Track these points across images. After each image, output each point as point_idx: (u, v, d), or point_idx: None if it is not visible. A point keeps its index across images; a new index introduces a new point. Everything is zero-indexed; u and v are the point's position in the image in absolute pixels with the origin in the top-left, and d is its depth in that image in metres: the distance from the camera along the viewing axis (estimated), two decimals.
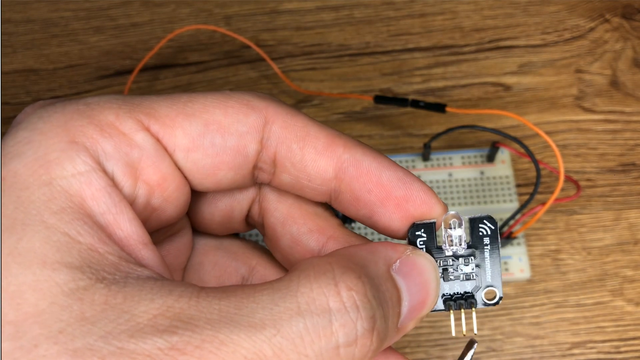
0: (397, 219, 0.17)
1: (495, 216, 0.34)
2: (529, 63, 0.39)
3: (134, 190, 0.16)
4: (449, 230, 0.17)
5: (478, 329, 0.33)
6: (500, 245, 0.17)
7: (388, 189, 0.17)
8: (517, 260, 0.33)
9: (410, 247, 0.17)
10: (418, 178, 0.17)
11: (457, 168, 0.35)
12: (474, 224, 0.17)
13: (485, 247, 0.17)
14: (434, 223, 0.17)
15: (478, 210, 0.34)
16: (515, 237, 0.32)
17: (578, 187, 0.33)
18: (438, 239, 0.17)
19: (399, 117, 0.38)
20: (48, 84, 0.39)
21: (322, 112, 0.38)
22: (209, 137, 0.16)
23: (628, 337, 0.32)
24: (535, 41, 0.40)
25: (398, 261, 0.16)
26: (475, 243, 0.17)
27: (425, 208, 0.17)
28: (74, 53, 0.40)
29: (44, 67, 0.40)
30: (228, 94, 0.17)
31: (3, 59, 0.40)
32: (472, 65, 0.39)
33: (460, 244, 0.17)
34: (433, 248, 0.17)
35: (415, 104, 0.34)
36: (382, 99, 0.35)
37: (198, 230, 0.20)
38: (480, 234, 0.17)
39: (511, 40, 0.40)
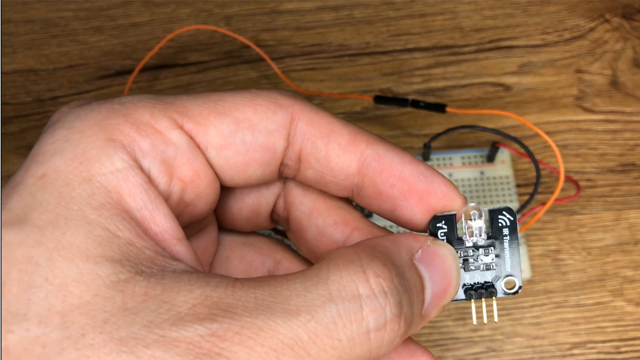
0: (419, 212, 0.17)
1: None
2: (529, 63, 0.39)
3: (169, 186, 0.16)
4: (469, 221, 0.17)
5: (478, 329, 0.33)
6: (519, 236, 0.18)
7: (410, 183, 0.17)
8: None
9: (431, 238, 0.17)
10: (439, 172, 0.18)
11: (457, 168, 0.35)
12: (493, 215, 0.18)
13: (504, 238, 0.18)
14: (455, 215, 0.17)
15: None
16: None
17: (578, 187, 0.33)
18: (458, 231, 0.18)
19: (399, 117, 0.38)
20: (48, 84, 0.39)
21: None
22: (239, 134, 0.17)
23: (628, 337, 0.32)
24: (535, 41, 0.40)
25: (420, 251, 0.16)
26: (494, 234, 0.18)
27: (446, 201, 0.17)
28: (74, 53, 0.40)
29: (44, 67, 0.40)
30: (256, 93, 0.17)
31: (3, 59, 0.40)
32: (472, 65, 0.39)
33: (480, 235, 0.18)
34: (454, 239, 0.17)
35: (415, 104, 0.34)
36: (382, 99, 0.35)
37: (225, 228, 0.21)
38: (500, 225, 0.18)
39: (511, 40, 0.40)
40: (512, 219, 0.18)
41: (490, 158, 0.34)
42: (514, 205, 0.34)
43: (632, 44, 0.39)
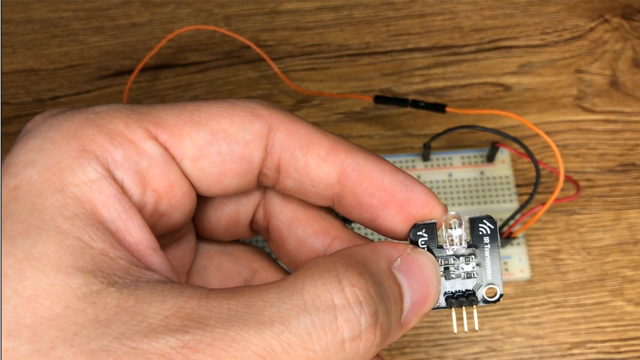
0: (399, 221, 0.17)
1: (495, 216, 0.34)
2: (528, 63, 0.39)
3: (142, 197, 0.16)
4: (449, 230, 0.18)
5: (478, 329, 0.33)
6: (500, 244, 0.18)
7: (390, 193, 0.17)
8: (517, 261, 0.33)
9: (411, 246, 0.17)
10: (418, 181, 0.18)
11: (457, 168, 0.35)
12: (474, 223, 0.18)
13: (485, 246, 0.18)
14: (435, 223, 0.17)
15: (478, 211, 0.34)
16: (515, 237, 0.32)
17: (578, 187, 0.33)
18: (439, 239, 0.18)
19: (399, 117, 0.38)
20: (48, 84, 0.39)
21: (322, 112, 0.38)
22: (215, 145, 0.16)
23: (628, 337, 0.32)
24: (535, 41, 0.40)
25: (399, 259, 0.16)
26: (475, 242, 0.18)
27: (426, 209, 0.17)
28: (74, 53, 0.40)
29: (44, 67, 0.40)
30: (233, 102, 0.17)
31: (3, 59, 0.40)
32: (472, 66, 0.39)
33: (461, 244, 0.18)
34: (434, 247, 0.17)
35: (415, 104, 0.34)
36: (382, 99, 0.35)
37: (204, 237, 0.20)
38: (480, 233, 0.18)
39: (511, 40, 0.40)
40: (492, 227, 0.18)
41: (490, 158, 0.35)
42: (514, 205, 0.34)
43: (632, 44, 0.39)
